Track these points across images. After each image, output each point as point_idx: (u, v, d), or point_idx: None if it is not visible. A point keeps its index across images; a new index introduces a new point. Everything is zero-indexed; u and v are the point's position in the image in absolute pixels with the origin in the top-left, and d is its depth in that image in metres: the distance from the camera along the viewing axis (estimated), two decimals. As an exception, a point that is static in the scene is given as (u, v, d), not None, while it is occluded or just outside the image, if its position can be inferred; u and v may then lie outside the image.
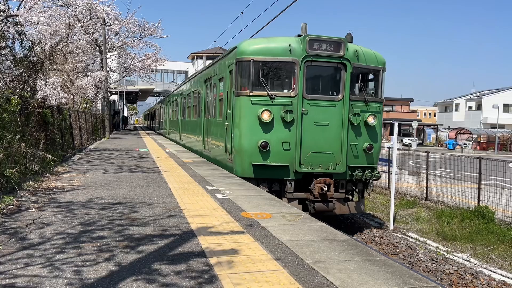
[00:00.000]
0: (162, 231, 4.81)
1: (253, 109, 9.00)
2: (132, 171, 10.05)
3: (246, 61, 9.20)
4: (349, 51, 9.21)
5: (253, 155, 9.05)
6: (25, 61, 12.46)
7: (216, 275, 3.51)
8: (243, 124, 9.19)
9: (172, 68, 65.10)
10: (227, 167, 10.41)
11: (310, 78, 9.35)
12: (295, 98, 9.00)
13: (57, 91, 14.24)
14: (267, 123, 8.94)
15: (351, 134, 9.29)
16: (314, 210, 9.09)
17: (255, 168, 9.10)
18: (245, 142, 9.15)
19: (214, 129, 12.18)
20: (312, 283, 3.42)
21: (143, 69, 36.96)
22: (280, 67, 9.44)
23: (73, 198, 6.63)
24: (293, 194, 9.21)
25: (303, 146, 9.05)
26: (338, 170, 9.24)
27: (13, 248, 4.09)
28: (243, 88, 9.28)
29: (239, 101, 9.30)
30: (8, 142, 7.42)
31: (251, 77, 9.09)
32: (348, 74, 9.20)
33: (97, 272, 3.51)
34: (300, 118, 9.00)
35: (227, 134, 10.24)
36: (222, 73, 10.97)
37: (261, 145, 8.89)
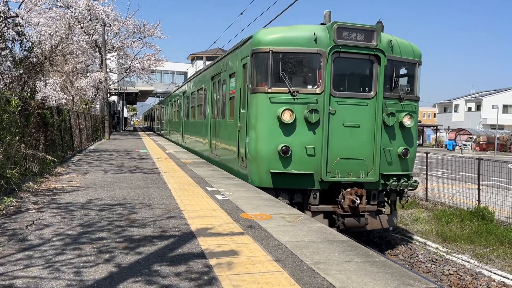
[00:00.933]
0: (161, 232, 4.81)
1: (272, 108, 7.93)
2: (131, 172, 10.05)
3: (264, 52, 8.05)
4: (382, 41, 8.10)
5: (271, 161, 7.95)
6: (25, 62, 12.46)
7: (215, 277, 3.51)
8: (260, 125, 8.12)
9: (172, 69, 65.18)
10: (239, 174, 9.27)
11: (338, 72, 8.15)
12: (321, 95, 7.90)
13: (57, 92, 14.24)
14: (288, 124, 7.85)
15: (384, 137, 8.19)
16: (343, 226, 7.97)
17: (274, 177, 8.00)
18: (263, 146, 8.07)
19: (223, 131, 11.02)
20: (312, 284, 3.42)
21: (143, 70, 37.04)
22: (303, 60, 8.33)
23: (72, 199, 6.63)
24: (318, 207, 8.06)
25: (330, 151, 7.95)
26: (370, 179, 8.10)
27: (12, 249, 4.09)
28: (260, 84, 8.23)
29: (255, 99, 8.21)
30: (8, 143, 7.42)
31: (270, 71, 7.96)
32: (382, 68, 8.08)
33: (97, 273, 3.51)
34: (327, 119, 7.90)
35: (240, 137, 9.13)
36: (234, 68, 9.89)
37: (281, 150, 7.80)
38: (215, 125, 12.10)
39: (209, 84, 12.90)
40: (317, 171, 7.94)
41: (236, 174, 9.57)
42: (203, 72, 14.60)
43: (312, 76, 8.27)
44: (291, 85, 7.93)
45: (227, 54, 10.76)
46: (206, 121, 13.27)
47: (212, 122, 12.49)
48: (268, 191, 7.81)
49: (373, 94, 8.15)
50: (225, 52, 11.17)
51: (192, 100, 17.00)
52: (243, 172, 8.92)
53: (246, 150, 8.58)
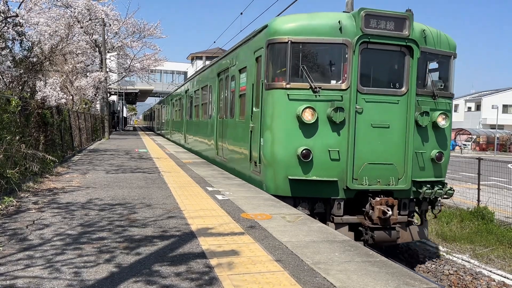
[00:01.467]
0: (162, 232, 4.81)
1: (291, 107, 7.11)
2: (132, 172, 10.05)
3: (281, 43, 7.23)
4: (415, 30, 7.28)
5: (290, 167, 7.12)
6: (25, 61, 12.46)
7: (216, 277, 3.51)
8: (277, 126, 7.31)
9: (172, 69, 65.19)
10: (252, 180, 8.39)
11: (366, 65, 7.30)
12: (347, 91, 7.07)
13: (57, 92, 14.24)
14: (309, 124, 7.02)
15: (417, 139, 7.37)
16: (372, 240, 7.11)
17: (293, 184, 7.17)
18: (280, 150, 7.23)
19: (232, 132, 10.14)
20: (313, 284, 3.42)
21: (143, 69, 37.06)
22: (326, 51, 7.50)
23: (73, 199, 6.63)
24: (342, 218, 7.22)
25: (356, 155, 7.10)
26: (401, 186, 7.28)
27: (13, 249, 4.09)
28: (277, 79, 7.41)
29: (271, 96, 7.39)
30: (8, 143, 7.42)
31: (288, 64, 7.13)
32: (415, 61, 7.26)
33: (97, 273, 3.51)
34: (353, 118, 7.06)
35: (252, 138, 8.27)
36: (245, 62, 8.99)
37: (301, 154, 6.97)
38: (221, 125, 11.19)
39: (215, 81, 12.03)
40: (342, 178, 7.11)
41: (247, 180, 8.70)
42: (208, 68, 13.64)
43: (336, 69, 7.43)
44: (313, 80, 7.08)
45: (237, 47, 9.83)
46: (212, 121, 12.41)
47: (218, 122, 11.61)
48: (286, 200, 7.01)
49: (404, 90, 7.31)
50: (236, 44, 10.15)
51: (196, 98, 16.13)
52: (257, 178, 8.08)
53: (260, 154, 7.73)
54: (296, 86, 7.15)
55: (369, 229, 7.16)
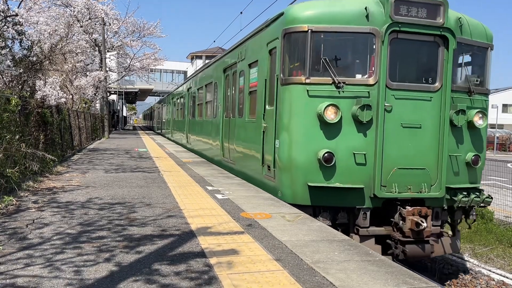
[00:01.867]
0: (161, 231, 4.81)
1: (311, 104, 6.41)
2: (131, 171, 10.05)
3: (300, 32, 6.51)
4: (450, 19, 6.54)
5: (310, 172, 6.41)
6: (25, 61, 12.46)
7: (216, 276, 3.51)
8: (295, 126, 6.60)
9: (171, 68, 65.16)
10: (264, 186, 7.66)
11: (396, 57, 6.60)
12: (374, 87, 6.36)
13: (56, 91, 14.23)
14: (332, 124, 6.32)
15: (451, 140, 6.67)
16: (403, 255, 6.38)
17: (313, 192, 6.44)
18: (299, 153, 6.52)
19: (241, 133, 9.37)
20: (312, 283, 3.43)
21: (142, 68, 37.01)
22: (351, 41, 6.79)
23: (72, 198, 6.63)
24: (368, 230, 6.51)
25: (385, 158, 6.38)
26: (434, 193, 6.52)
27: (13, 248, 4.09)
28: (295, 73, 6.70)
29: (288, 92, 6.68)
30: (8, 142, 7.42)
31: (308, 55, 6.41)
32: (450, 52, 6.52)
33: (97, 272, 3.52)
34: (382, 117, 6.35)
35: (265, 140, 7.55)
36: (256, 55, 8.24)
37: (323, 157, 6.26)
38: (228, 125, 10.47)
39: (221, 78, 11.24)
40: (369, 185, 6.40)
41: (259, 185, 7.96)
42: (213, 64, 12.82)
43: (362, 62, 6.72)
44: (335, 73, 6.37)
45: (247, 39, 9.05)
46: (217, 121, 11.68)
47: (224, 122, 10.89)
48: (304, 209, 6.37)
49: (438, 86, 6.58)
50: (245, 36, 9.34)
51: (199, 97, 15.31)
52: (270, 184, 7.34)
53: (275, 157, 7.00)
54: (317, 81, 6.43)
55: (399, 242, 6.41)
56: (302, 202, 6.55)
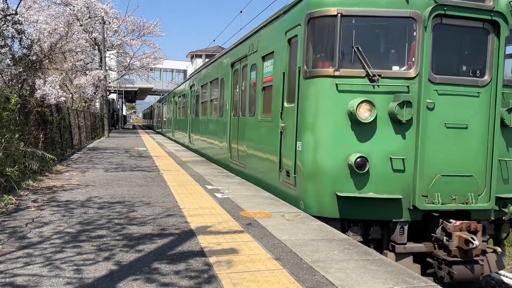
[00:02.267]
0: (161, 230, 4.82)
1: (341, 100, 5.62)
2: (131, 170, 10.06)
3: (328, 16, 5.70)
4: (500, 2, 5.70)
5: (338, 180, 5.62)
6: (24, 59, 12.46)
7: (215, 275, 3.52)
8: (322, 126, 5.81)
9: (171, 67, 65.12)
10: (282, 194, 6.82)
11: (439, 46, 5.72)
12: (415, 80, 5.55)
13: (56, 90, 14.23)
14: (365, 124, 5.51)
15: (501, 142, 5.83)
16: (450, 278, 5.49)
17: (342, 203, 5.62)
18: (326, 157, 5.74)
19: (252, 133, 8.51)
20: (312, 282, 3.43)
21: (142, 67, 37.02)
22: (388, 27, 5.93)
23: (72, 197, 6.63)
24: (406, 247, 5.64)
25: (427, 164, 5.55)
26: (482, 204, 5.69)
27: (12, 247, 4.10)
28: (321, 64, 5.89)
29: (313, 86, 5.87)
30: (7, 141, 7.42)
31: (338, 44, 5.59)
32: (502, 41, 5.66)
33: (97, 271, 3.52)
34: (424, 116, 5.51)
35: (283, 142, 6.75)
36: (271, 46, 7.41)
37: (355, 163, 5.46)
38: (237, 124, 9.68)
39: (229, 73, 10.41)
40: (407, 195, 5.58)
41: (275, 193, 7.11)
42: (219, 59, 11.90)
43: (400, 51, 5.88)
44: (370, 65, 5.57)
45: (259, 28, 8.20)
46: (223, 120, 10.88)
47: (232, 121, 10.10)
48: (331, 222, 5.55)
49: (487, 80, 5.73)
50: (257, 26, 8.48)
51: (203, 94, 14.41)
52: (290, 193, 6.50)
53: (297, 162, 6.20)
54: (348, 73, 5.63)
55: (444, 262, 5.50)
56: (329, 215, 5.70)
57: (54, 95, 13.96)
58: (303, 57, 6.06)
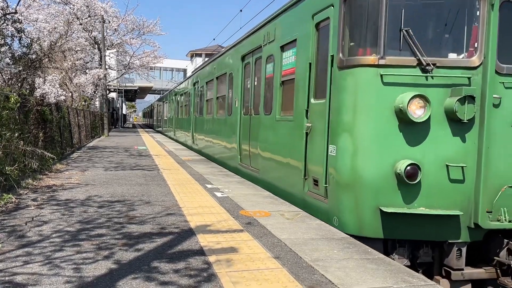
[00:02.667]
0: (161, 229, 4.82)
1: (386, 94, 4.73)
2: (131, 169, 10.06)
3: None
4: None
5: (383, 192, 4.73)
6: (24, 58, 12.45)
7: (215, 273, 3.52)
8: (363, 126, 4.88)
9: (171, 66, 65.12)
10: (308, 206, 5.87)
11: (507, 29, 4.72)
12: (478, 71, 4.68)
13: (56, 89, 14.22)
14: (417, 124, 4.64)
15: None
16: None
17: (388, 220, 4.74)
18: (367, 164, 4.83)
19: (267, 134, 7.62)
20: (311, 281, 3.43)
21: (142, 66, 37.01)
22: (444, 6, 4.94)
23: (72, 196, 6.63)
24: (463, 273, 4.81)
25: (491, 173, 4.67)
26: None
27: (12, 246, 4.10)
28: (362, 51, 4.96)
29: (351, 78, 4.95)
30: (7, 140, 7.42)
31: (383, 26, 4.73)
32: None
33: (96, 270, 3.52)
34: (488, 114, 4.63)
35: (309, 145, 5.84)
36: (293, 33, 6.50)
37: (405, 171, 4.59)
38: (248, 124, 8.79)
39: (239, 67, 9.51)
40: (467, 210, 4.71)
41: (299, 203, 6.18)
42: (227, 52, 10.96)
43: (459, 35, 4.90)
44: (422, 52, 4.68)
45: (277, 15, 7.28)
46: (232, 119, 10.01)
47: (243, 120, 9.23)
48: (371, 243, 4.63)
49: None
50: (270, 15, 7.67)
51: (208, 91, 13.49)
52: (319, 206, 5.56)
53: (328, 169, 5.29)
54: (395, 61, 4.75)
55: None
56: (371, 234, 4.82)
57: (53, 94, 13.96)
58: (338, 43, 5.12)
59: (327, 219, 5.33)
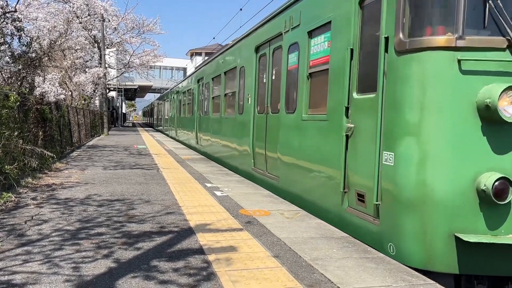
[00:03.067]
0: (160, 228, 4.82)
1: (466, 86, 3.77)
2: (130, 168, 10.05)
3: None
4: None
5: (460, 213, 3.79)
6: (23, 57, 12.43)
7: (214, 272, 3.52)
8: (434, 127, 3.87)
9: (171, 65, 65.16)
10: (349, 226, 4.86)
11: None
12: None
13: (56, 88, 14.19)
14: (507, 124, 3.71)
15: None
16: None
17: (466, 251, 3.79)
18: (440, 177, 3.84)
19: (290, 136, 6.60)
20: (310, 280, 3.43)
21: (142, 65, 36.98)
22: None
23: (71, 194, 6.63)
24: None
25: None
26: None
27: (12, 244, 4.10)
28: (431, 29, 3.93)
29: (416, 64, 3.93)
30: (7, 139, 7.41)
31: None
32: None
33: (96, 269, 3.52)
34: None
35: (351, 151, 4.85)
36: (325, 15, 5.47)
37: (492, 188, 3.64)
38: (265, 123, 7.84)
39: (252, 60, 8.61)
40: None
41: (335, 222, 5.13)
42: (238, 44, 10.05)
43: None
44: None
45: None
46: (244, 117, 9.09)
47: (257, 119, 8.31)
48: (440, 278, 3.74)
49: None
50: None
51: (215, 88, 12.59)
52: (365, 227, 4.54)
53: (382, 182, 4.22)
54: (478, 42, 3.74)
55: None
56: (443, 268, 3.84)
57: (53, 93, 13.94)
58: (397, 20, 4.04)
59: (378, 245, 4.28)
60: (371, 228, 4.40)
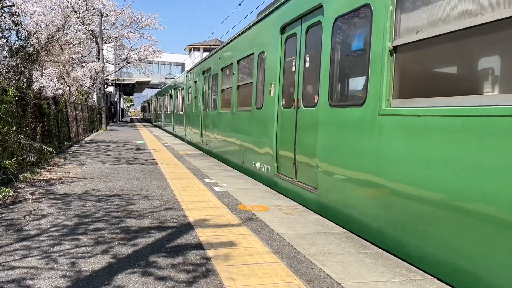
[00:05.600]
0: (159, 224, 4.82)
1: None
2: (129, 163, 10.04)
3: None
4: None
5: None
6: (21, 51, 12.38)
7: (213, 268, 3.52)
8: None
9: (169, 60, 64.97)
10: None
11: None
12: None
13: (53, 83, 14.13)
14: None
15: None
16: None
17: None
18: None
19: (341, 140, 4.90)
20: (309, 275, 3.44)
21: (140, 60, 36.83)
22: None
23: (70, 189, 6.62)
24: None
25: None
26: None
27: (10, 239, 4.09)
28: None
29: None
30: (5, 134, 7.39)
31: None
32: None
33: (94, 264, 3.52)
34: None
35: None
36: None
37: None
38: (294, 120, 6.36)
39: (276, 42, 7.14)
40: None
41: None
42: (254, 26, 8.59)
43: None
44: None
45: None
46: (263, 113, 7.69)
47: (281, 115, 6.92)
48: None
49: None
50: None
51: (224, 80, 11.17)
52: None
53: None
54: None
55: None
56: None
57: (51, 88, 13.88)
58: None
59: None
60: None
